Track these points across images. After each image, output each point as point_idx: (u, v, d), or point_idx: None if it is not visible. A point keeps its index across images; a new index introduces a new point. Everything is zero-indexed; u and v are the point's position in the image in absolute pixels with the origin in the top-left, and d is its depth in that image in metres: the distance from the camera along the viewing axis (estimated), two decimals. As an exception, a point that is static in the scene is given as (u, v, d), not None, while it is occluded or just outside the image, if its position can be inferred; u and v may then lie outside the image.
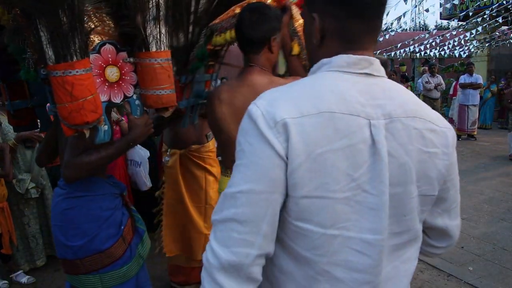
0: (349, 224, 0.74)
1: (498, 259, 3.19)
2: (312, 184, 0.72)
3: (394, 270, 0.80)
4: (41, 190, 3.28)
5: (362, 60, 0.77)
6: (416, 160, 0.77)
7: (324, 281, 0.76)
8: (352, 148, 0.72)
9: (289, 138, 0.70)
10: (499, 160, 6.62)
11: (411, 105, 0.80)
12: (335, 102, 0.73)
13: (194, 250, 2.67)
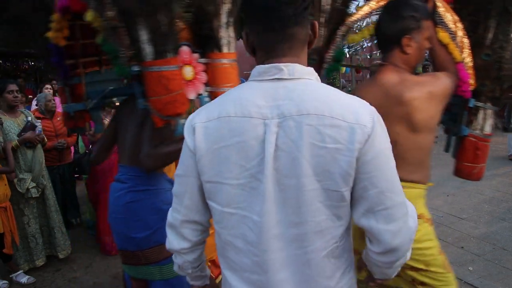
0: (245, 205, 0.89)
1: (498, 259, 3.19)
2: (211, 172, 0.91)
3: (295, 256, 0.89)
4: (41, 190, 3.28)
5: (271, 68, 0.88)
6: (309, 154, 0.83)
7: (230, 249, 0.94)
8: (244, 144, 0.87)
9: (195, 137, 0.92)
10: (499, 160, 6.62)
11: (312, 103, 0.84)
12: (233, 108, 0.89)
13: None
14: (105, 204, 3.55)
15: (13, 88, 3.17)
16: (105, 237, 3.57)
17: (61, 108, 1.94)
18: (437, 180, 5.54)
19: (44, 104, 3.88)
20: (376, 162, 0.85)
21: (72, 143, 4.14)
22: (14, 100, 3.18)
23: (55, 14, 1.59)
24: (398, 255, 0.91)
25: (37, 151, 3.25)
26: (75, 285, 3.11)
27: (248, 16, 0.92)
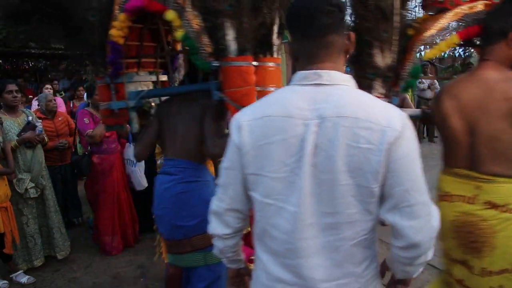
0: (282, 197, 0.99)
1: (498, 259, 3.19)
2: (255, 166, 1.02)
3: (327, 243, 0.98)
4: (41, 190, 3.28)
5: (311, 74, 0.98)
6: (344, 153, 0.92)
7: (266, 236, 1.04)
8: (285, 141, 0.97)
9: (242, 134, 1.03)
10: (499, 160, 6.62)
11: (348, 107, 0.94)
12: (276, 109, 1.00)
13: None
14: (104, 205, 3.56)
15: (12, 88, 3.16)
16: (105, 237, 3.57)
17: (103, 106, 1.98)
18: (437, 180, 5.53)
19: (45, 104, 3.88)
20: (403, 163, 0.93)
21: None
22: (13, 100, 3.18)
23: (122, 13, 1.71)
24: (420, 251, 0.98)
25: (36, 151, 3.25)
26: (75, 285, 3.10)
27: (290, 25, 1.03)
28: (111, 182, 3.61)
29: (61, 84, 9.37)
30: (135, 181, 3.70)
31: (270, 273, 1.04)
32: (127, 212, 3.73)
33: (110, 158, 3.66)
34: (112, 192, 3.61)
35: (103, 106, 1.96)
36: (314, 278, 0.99)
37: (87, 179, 3.72)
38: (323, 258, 0.98)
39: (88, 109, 3.69)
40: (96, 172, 3.61)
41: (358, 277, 1.02)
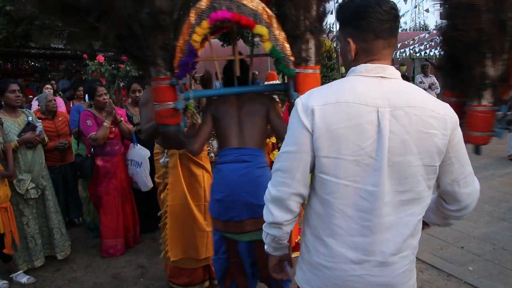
0: (358, 178, 1.08)
1: (498, 259, 3.19)
2: (330, 148, 1.08)
3: (399, 219, 1.10)
4: (41, 190, 3.28)
5: (377, 67, 1.11)
6: (416, 137, 1.07)
7: (339, 217, 1.11)
8: (361, 126, 1.06)
9: (314, 118, 1.08)
10: (499, 160, 6.61)
11: (415, 98, 1.09)
12: (350, 95, 1.08)
13: (198, 249, 2.67)
14: (107, 207, 3.53)
15: (15, 87, 3.18)
16: (108, 240, 3.54)
17: (162, 106, 2.02)
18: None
19: (45, 105, 3.87)
20: (459, 144, 1.13)
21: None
22: (16, 99, 3.19)
23: (205, 21, 1.86)
24: (469, 210, 1.22)
25: (37, 152, 3.25)
26: (75, 285, 3.10)
27: (361, 26, 1.11)
28: (114, 184, 3.57)
29: (60, 84, 9.37)
30: (141, 182, 3.66)
31: (335, 255, 1.13)
32: (130, 215, 3.70)
33: (114, 160, 3.61)
34: (116, 194, 3.58)
35: (162, 107, 2.00)
36: (385, 252, 1.10)
37: (91, 182, 3.65)
38: (394, 233, 1.11)
39: (91, 110, 3.63)
40: (99, 175, 3.56)
41: (414, 249, 1.17)
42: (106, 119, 3.48)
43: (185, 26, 1.89)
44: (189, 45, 1.89)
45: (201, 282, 2.83)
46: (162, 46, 1.95)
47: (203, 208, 2.69)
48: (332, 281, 1.15)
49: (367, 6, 1.09)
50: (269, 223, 1.20)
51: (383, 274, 1.11)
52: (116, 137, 3.64)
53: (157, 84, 2.00)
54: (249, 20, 1.86)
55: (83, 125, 3.55)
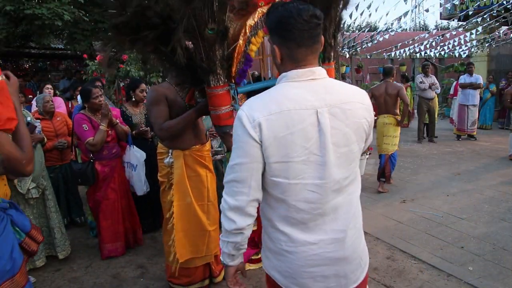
0: (306, 175, 1.20)
1: (498, 259, 3.19)
2: (279, 154, 1.17)
3: (344, 199, 1.27)
4: (42, 190, 3.28)
5: (307, 72, 1.22)
6: (353, 128, 1.24)
7: (293, 211, 1.23)
8: (304, 129, 1.17)
9: (261, 130, 1.15)
10: (499, 160, 6.61)
11: (345, 94, 1.25)
12: (290, 103, 1.18)
13: (199, 247, 2.68)
14: (107, 211, 3.49)
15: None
16: (107, 245, 3.52)
17: (224, 110, 2.18)
18: (437, 180, 5.53)
19: (42, 106, 3.83)
20: (372, 125, 1.34)
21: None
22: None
23: (261, 30, 2.12)
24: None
25: (37, 152, 3.25)
26: (75, 285, 3.10)
27: (284, 36, 1.21)
28: (113, 188, 3.52)
29: (61, 84, 9.37)
30: (137, 186, 3.62)
31: (295, 240, 1.25)
32: (128, 218, 3.67)
33: (112, 163, 3.54)
34: (115, 198, 3.53)
35: (224, 110, 2.18)
36: (335, 230, 1.26)
37: (89, 187, 3.57)
38: (342, 212, 1.27)
39: (85, 113, 3.45)
40: (99, 180, 3.48)
41: (359, 220, 1.35)
42: (102, 122, 3.36)
43: (241, 39, 2.11)
44: (247, 54, 2.14)
45: (202, 280, 2.84)
46: (223, 57, 2.13)
47: (206, 208, 2.70)
48: (295, 263, 1.26)
49: (289, 17, 1.17)
50: (231, 231, 1.25)
51: (337, 248, 1.26)
52: (113, 140, 3.55)
53: (216, 91, 2.15)
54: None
55: (78, 129, 3.38)
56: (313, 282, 1.27)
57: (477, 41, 10.76)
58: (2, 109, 1.34)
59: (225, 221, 1.25)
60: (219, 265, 2.93)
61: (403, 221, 4.09)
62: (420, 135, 8.55)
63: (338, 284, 1.29)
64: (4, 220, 1.56)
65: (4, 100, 1.37)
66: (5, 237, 1.52)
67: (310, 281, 1.26)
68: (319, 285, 1.27)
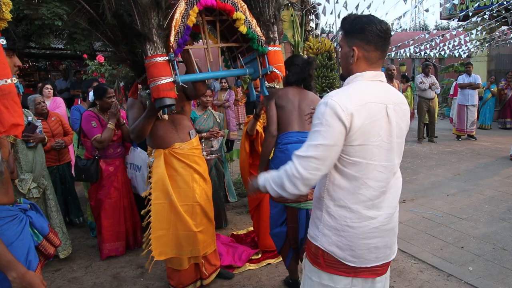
0: (377, 157, 1.45)
1: (498, 259, 3.19)
2: (361, 139, 1.41)
3: (396, 180, 1.57)
4: (42, 190, 3.28)
5: (377, 74, 1.50)
6: (404, 124, 1.54)
7: (363, 187, 1.46)
8: (379, 120, 1.43)
9: (353, 118, 1.38)
10: (499, 160, 6.62)
11: (398, 96, 1.54)
12: (369, 97, 1.43)
13: (183, 248, 2.63)
14: (109, 210, 3.48)
15: None
16: (107, 244, 3.52)
17: (162, 80, 2.15)
18: (437, 180, 5.53)
19: (34, 108, 3.79)
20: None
21: (70, 142, 4.09)
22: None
23: (195, 6, 2.15)
24: None
25: (37, 152, 3.25)
26: (75, 285, 3.10)
27: (364, 39, 1.45)
28: (116, 187, 3.54)
29: (57, 84, 9.36)
30: (139, 186, 3.62)
31: (360, 216, 1.47)
32: (129, 218, 3.67)
33: (116, 162, 3.57)
34: (117, 197, 3.54)
35: (162, 81, 2.14)
36: (389, 206, 1.53)
37: (92, 185, 3.59)
38: (393, 192, 1.55)
39: (94, 111, 3.52)
40: (102, 178, 3.50)
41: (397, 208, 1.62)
42: (110, 121, 3.43)
43: (177, 10, 2.13)
44: (186, 24, 2.15)
45: (194, 281, 2.82)
46: (159, 25, 2.13)
47: (190, 209, 2.63)
48: (357, 236, 1.48)
49: (372, 24, 1.44)
50: (289, 193, 1.47)
51: (389, 222, 1.53)
52: (118, 139, 3.59)
53: (154, 60, 2.13)
54: (231, 7, 2.27)
55: (86, 126, 3.43)
56: (368, 253, 1.50)
57: (477, 41, 10.76)
58: (7, 114, 1.30)
59: (290, 186, 1.45)
60: (212, 266, 2.91)
61: (403, 221, 4.09)
62: (420, 135, 8.55)
63: (385, 254, 1.54)
64: (23, 221, 1.56)
65: (11, 104, 1.32)
66: (22, 239, 1.52)
67: (366, 252, 1.49)
68: (372, 256, 1.51)
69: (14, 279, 1.37)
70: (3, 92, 1.30)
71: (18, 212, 1.56)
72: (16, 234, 1.50)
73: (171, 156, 2.60)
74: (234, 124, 8.19)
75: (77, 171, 3.54)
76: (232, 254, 3.33)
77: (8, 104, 1.31)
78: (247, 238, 3.73)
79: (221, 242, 3.48)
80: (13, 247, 1.44)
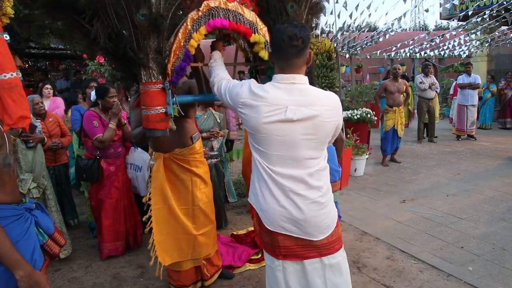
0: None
1: (498, 259, 3.19)
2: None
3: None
4: (42, 190, 3.28)
5: (289, 77, 1.62)
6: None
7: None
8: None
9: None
10: (499, 160, 6.62)
11: (311, 97, 1.61)
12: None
13: (184, 251, 2.64)
14: (110, 210, 3.48)
15: None
16: (107, 244, 3.51)
17: (154, 110, 2.00)
18: (437, 180, 5.53)
19: (32, 108, 3.78)
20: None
21: (67, 143, 4.07)
22: None
23: (203, 27, 1.91)
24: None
25: (37, 152, 3.25)
26: (75, 285, 3.10)
27: (274, 51, 1.65)
28: (117, 187, 3.54)
29: (58, 84, 9.36)
30: (140, 187, 3.61)
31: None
32: (130, 218, 3.67)
33: (117, 162, 3.57)
34: (118, 197, 3.54)
35: (153, 111, 1.98)
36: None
37: (92, 185, 3.58)
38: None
39: (96, 110, 3.53)
40: (103, 178, 3.50)
41: None
42: (111, 121, 3.44)
43: (181, 32, 1.90)
44: (186, 50, 1.92)
45: (194, 283, 2.82)
46: (157, 50, 1.94)
47: (190, 212, 2.63)
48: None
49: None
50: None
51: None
52: (119, 139, 3.60)
53: (148, 88, 1.97)
54: (247, 29, 2.01)
55: (88, 125, 3.44)
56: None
57: (477, 41, 10.76)
58: (15, 107, 1.33)
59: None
60: (213, 267, 2.91)
61: (403, 221, 4.09)
62: (420, 135, 8.55)
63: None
64: (28, 221, 1.56)
65: (18, 97, 1.34)
66: (27, 238, 1.52)
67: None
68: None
69: (22, 278, 1.37)
70: (10, 85, 1.32)
71: (23, 211, 1.56)
72: (22, 234, 1.50)
73: (171, 161, 2.59)
74: (234, 124, 8.19)
75: (78, 170, 3.54)
76: (232, 254, 3.33)
77: (15, 97, 1.33)
78: (247, 238, 3.73)
79: (221, 242, 3.48)
80: (19, 246, 1.44)
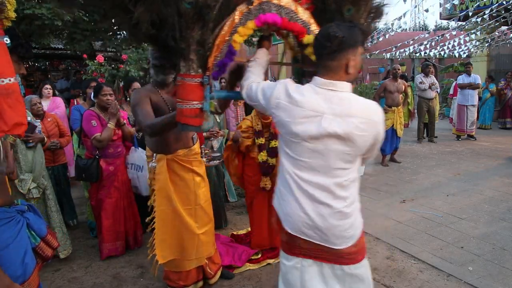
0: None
1: (498, 259, 3.19)
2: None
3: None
4: (42, 190, 3.28)
5: (327, 83, 1.54)
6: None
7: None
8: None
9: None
10: (499, 160, 6.62)
11: (349, 108, 1.51)
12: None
13: (188, 251, 2.65)
14: (109, 210, 3.48)
15: None
16: (107, 244, 3.51)
17: (190, 105, 1.87)
18: (437, 180, 5.53)
19: (30, 109, 3.76)
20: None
21: (65, 144, 4.06)
22: None
23: (251, 21, 1.76)
24: None
25: (37, 152, 3.25)
26: (75, 285, 3.10)
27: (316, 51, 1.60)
28: (116, 187, 3.53)
29: (59, 84, 9.36)
30: (142, 187, 3.62)
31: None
32: (130, 218, 3.66)
33: (116, 162, 3.56)
34: (118, 197, 3.54)
35: (188, 106, 1.86)
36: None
37: (93, 185, 3.58)
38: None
39: (95, 110, 3.52)
40: (102, 177, 3.50)
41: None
42: (110, 120, 3.44)
43: (227, 25, 1.78)
44: (229, 45, 1.79)
45: (195, 282, 2.82)
46: (200, 41, 1.80)
47: (193, 212, 2.65)
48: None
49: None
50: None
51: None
52: (119, 139, 3.59)
53: (186, 80, 1.85)
54: (301, 29, 1.83)
55: (87, 125, 3.44)
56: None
57: (476, 41, 10.76)
58: (11, 113, 1.28)
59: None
60: (215, 264, 2.92)
61: (403, 221, 4.09)
62: (420, 135, 8.55)
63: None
64: (20, 223, 1.53)
65: (15, 104, 1.30)
66: (18, 241, 1.49)
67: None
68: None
69: None
70: (7, 91, 1.28)
71: (15, 214, 1.54)
72: (13, 237, 1.48)
73: (174, 162, 2.60)
74: (233, 124, 8.17)
75: (77, 170, 3.54)
76: (232, 254, 3.33)
77: (11, 103, 1.29)
78: (247, 238, 3.73)
79: (221, 242, 3.48)
80: (10, 250, 1.42)
